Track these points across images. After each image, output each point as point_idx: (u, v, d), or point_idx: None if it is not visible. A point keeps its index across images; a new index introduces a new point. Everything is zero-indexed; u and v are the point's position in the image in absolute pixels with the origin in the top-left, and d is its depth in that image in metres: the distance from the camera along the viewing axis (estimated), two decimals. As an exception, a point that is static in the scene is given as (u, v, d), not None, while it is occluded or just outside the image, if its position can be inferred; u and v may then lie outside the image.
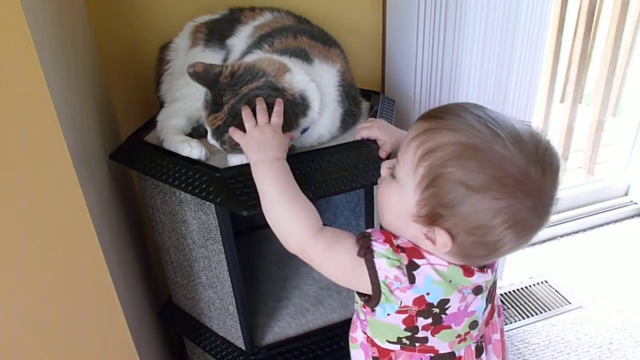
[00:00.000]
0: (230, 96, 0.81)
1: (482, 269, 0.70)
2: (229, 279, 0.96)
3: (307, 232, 0.71)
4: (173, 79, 1.07)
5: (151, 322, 1.20)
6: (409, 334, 0.72)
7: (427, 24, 1.25)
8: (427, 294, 0.67)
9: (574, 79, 2.09)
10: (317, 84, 0.88)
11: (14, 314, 0.83)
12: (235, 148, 0.84)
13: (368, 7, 1.36)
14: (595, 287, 1.73)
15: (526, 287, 1.75)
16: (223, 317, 1.06)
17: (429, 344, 0.73)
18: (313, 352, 1.06)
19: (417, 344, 0.73)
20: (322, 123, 0.91)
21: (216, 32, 1.06)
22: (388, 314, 0.70)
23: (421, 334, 0.71)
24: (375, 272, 0.67)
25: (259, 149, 0.77)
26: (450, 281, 0.67)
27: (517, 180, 0.60)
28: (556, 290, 1.72)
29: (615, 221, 2.06)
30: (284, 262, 1.31)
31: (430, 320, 0.70)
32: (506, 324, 1.60)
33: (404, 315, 0.69)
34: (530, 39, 1.29)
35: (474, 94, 1.31)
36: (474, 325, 0.74)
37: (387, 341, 0.74)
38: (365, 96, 1.13)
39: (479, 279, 0.69)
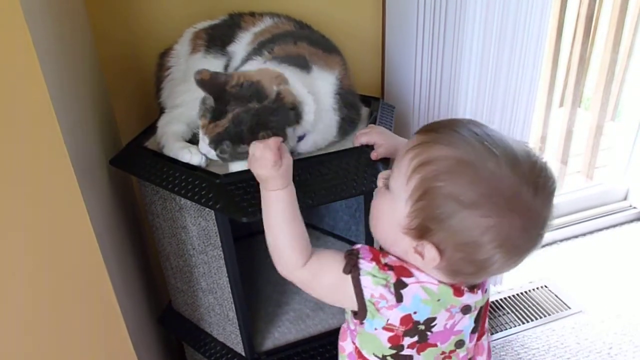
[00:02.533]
0: (236, 106, 0.82)
1: (472, 289, 0.69)
2: (229, 285, 0.96)
3: (295, 262, 0.72)
4: (174, 85, 1.07)
5: (151, 328, 1.20)
6: (393, 351, 0.71)
7: (426, 30, 1.25)
8: (414, 312, 0.67)
9: (573, 83, 2.10)
10: (314, 94, 0.88)
11: (14, 320, 0.83)
12: (235, 157, 0.84)
13: (368, 13, 1.37)
14: (595, 291, 1.73)
15: (526, 292, 1.75)
16: (223, 323, 1.06)
17: None
18: (313, 358, 1.06)
19: None
20: (317, 131, 0.91)
21: (216, 38, 1.06)
22: (375, 329, 0.70)
23: (406, 351, 0.71)
24: (361, 290, 0.67)
25: (266, 167, 0.74)
26: (439, 300, 0.67)
27: (508, 199, 0.59)
28: (556, 295, 1.72)
29: (615, 225, 2.06)
30: (283, 267, 1.31)
31: (416, 339, 0.70)
32: (506, 329, 1.60)
33: (391, 334, 0.69)
34: (529, 44, 1.29)
35: (473, 99, 1.32)
36: (460, 344, 0.74)
37: (374, 354, 0.74)
38: (365, 102, 1.13)
39: (468, 299, 0.69)
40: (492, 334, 1.58)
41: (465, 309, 0.70)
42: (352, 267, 0.68)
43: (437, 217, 0.61)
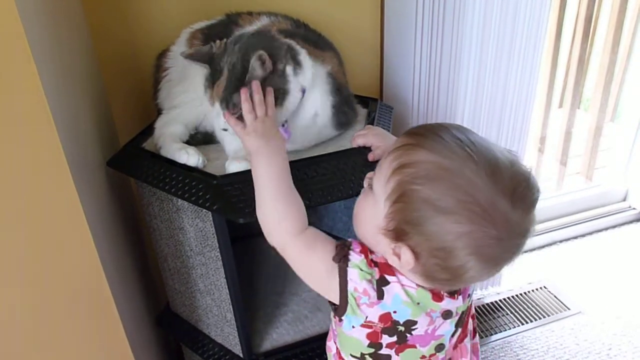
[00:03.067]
0: (227, 58, 0.84)
1: (452, 295, 0.69)
2: (227, 286, 0.96)
3: (291, 230, 0.72)
4: (171, 86, 1.07)
5: (149, 329, 1.20)
6: (372, 350, 0.71)
7: (425, 31, 1.25)
8: (394, 312, 0.67)
9: (572, 84, 2.10)
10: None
11: (12, 321, 0.83)
12: None
13: (366, 14, 1.37)
14: (595, 292, 1.73)
15: (525, 293, 1.74)
16: (221, 324, 1.06)
17: None
18: (311, 359, 1.06)
19: None
20: (315, 97, 0.92)
21: (213, 38, 1.06)
22: (353, 327, 0.70)
23: (384, 351, 0.71)
24: (346, 281, 0.67)
25: (261, 137, 0.77)
26: (419, 303, 0.67)
27: (484, 208, 0.59)
28: (555, 296, 1.72)
29: (614, 226, 2.05)
30: (282, 268, 1.30)
31: (395, 339, 0.70)
32: (505, 330, 1.60)
33: (369, 330, 0.69)
34: (528, 44, 1.29)
35: (471, 99, 1.32)
36: (440, 347, 0.73)
37: (351, 355, 0.74)
38: (363, 103, 1.14)
39: (448, 304, 0.69)
40: (491, 334, 1.58)
41: (446, 314, 0.70)
42: (342, 257, 0.68)
43: (412, 221, 0.61)
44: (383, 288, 0.66)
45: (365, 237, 0.71)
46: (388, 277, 0.67)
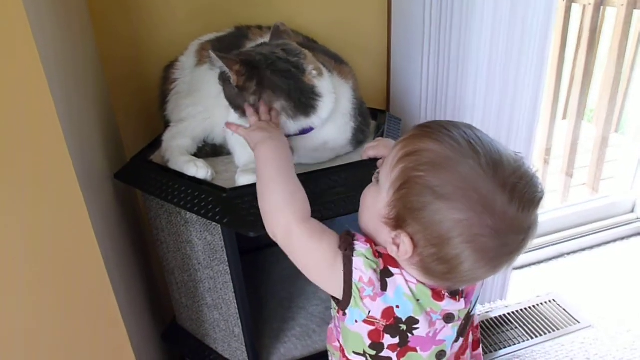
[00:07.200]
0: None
1: (453, 296, 0.68)
2: (235, 301, 0.95)
3: (296, 216, 0.71)
4: (179, 98, 1.07)
5: (155, 343, 1.19)
6: (374, 352, 0.71)
7: (432, 42, 1.25)
8: (397, 306, 0.67)
9: (577, 95, 2.10)
10: (337, 96, 0.90)
11: (19, 336, 0.83)
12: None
13: (373, 26, 1.37)
14: (604, 305, 1.70)
15: (534, 306, 1.72)
16: (228, 339, 1.04)
17: None
18: (319, 375, 1.05)
19: None
20: (327, 131, 0.92)
21: (223, 50, 1.06)
22: (356, 321, 0.69)
23: (386, 353, 0.70)
24: (351, 271, 0.66)
25: (263, 131, 0.80)
26: (419, 300, 0.67)
27: (482, 196, 0.59)
28: (564, 309, 1.70)
29: (622, 238, 2.04)
30: (289, 282, 1.29)
31: (397, 340, 0.69)
32: (514, 344, 1.58)
33: (371, 328, 0.69)
34: (533, 57, 1.29)
35: (479, 111, 1.31)
36: (440, 355, 0.72)
37: (354, 352, 0.73)
38: (372, 115, 1.13)
39: (449, 305, 0.68)
40: (499, 349, 1.56)
41: (448, 318, 0.69)
42: (347, 246, 0.68)
43: (412, 207, 0.62)
44: (387, 279, 0.66)
45: (368, 227, 0.72)
46: (392, 269, 0.67)
